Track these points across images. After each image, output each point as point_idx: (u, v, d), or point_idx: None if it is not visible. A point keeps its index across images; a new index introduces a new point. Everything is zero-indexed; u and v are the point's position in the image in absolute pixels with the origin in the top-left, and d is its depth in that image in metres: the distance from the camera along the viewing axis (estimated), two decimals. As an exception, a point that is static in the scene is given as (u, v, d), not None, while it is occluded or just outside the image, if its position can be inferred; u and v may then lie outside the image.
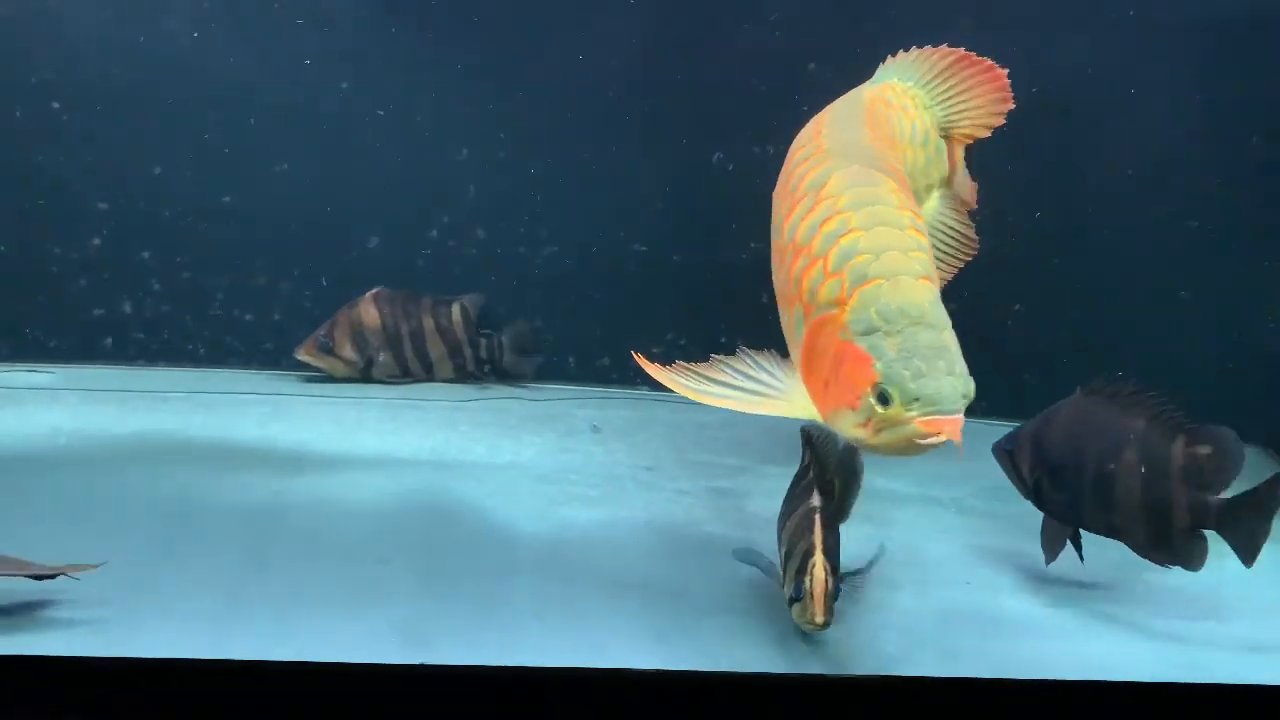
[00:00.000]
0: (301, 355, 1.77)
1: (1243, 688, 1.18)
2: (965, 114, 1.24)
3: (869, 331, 0.96)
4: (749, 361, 1.08)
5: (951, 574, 1.35)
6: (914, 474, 1.49)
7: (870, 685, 1.10)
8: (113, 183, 1.75)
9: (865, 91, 1.25)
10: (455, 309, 1.81)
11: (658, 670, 1.09)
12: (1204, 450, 1.24)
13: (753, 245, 1.36)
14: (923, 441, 0.93)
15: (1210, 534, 1.25)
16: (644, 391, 1.84)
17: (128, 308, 1.80)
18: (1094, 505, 1.24)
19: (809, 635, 1.12)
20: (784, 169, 1.18)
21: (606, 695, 1.06)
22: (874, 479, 1.26)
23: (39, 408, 1.63)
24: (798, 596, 1.08)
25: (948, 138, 1.26)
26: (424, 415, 1.70)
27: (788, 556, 1.13)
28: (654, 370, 1.10)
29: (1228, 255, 1.74)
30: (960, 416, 0.94)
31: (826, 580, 1.07)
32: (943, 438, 0.93)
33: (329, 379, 1.78)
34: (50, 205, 1.77)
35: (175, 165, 1.75)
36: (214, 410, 1.66)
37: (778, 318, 1.15)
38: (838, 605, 1.09)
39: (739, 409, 1.07)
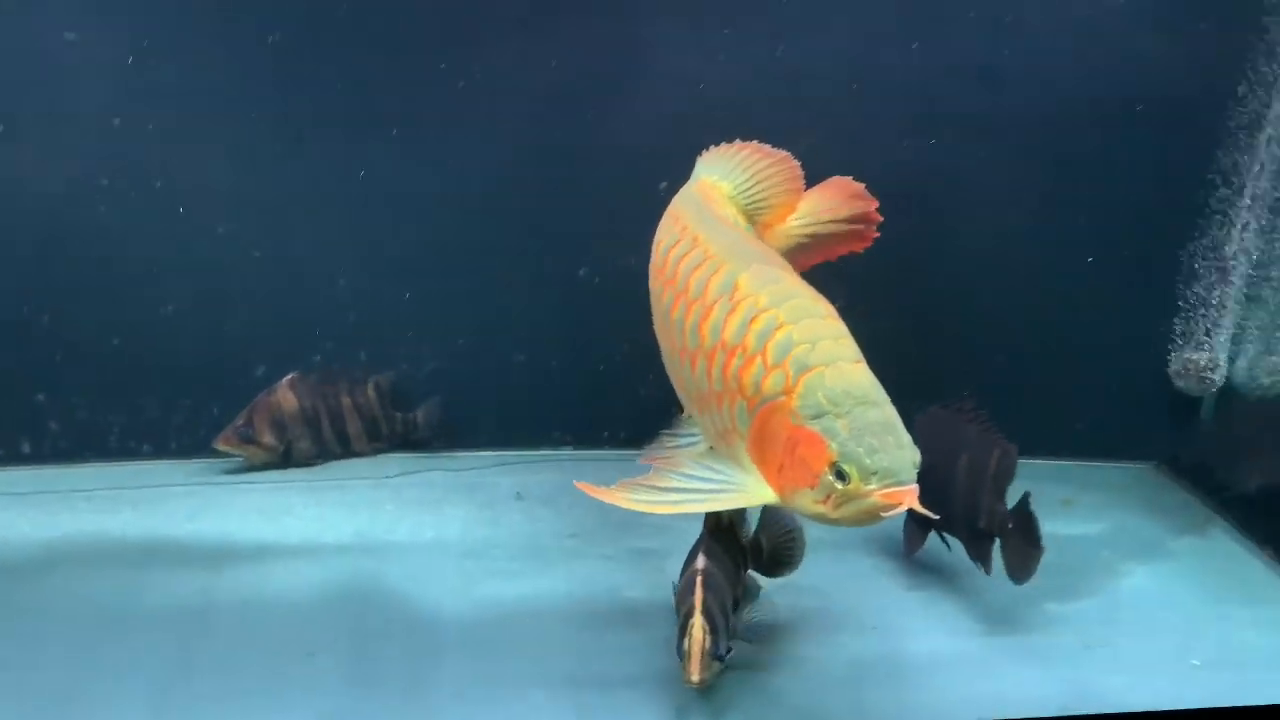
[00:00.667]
0: (221, 445, 1.76)
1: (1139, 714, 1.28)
2: (765, 201, 1.32)
3: (819, 415, 1.03)
4: (690, 463, 1.15)
5: (859, 620, 1.43)
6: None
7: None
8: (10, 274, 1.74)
9: (694, 189, 1.33)
10: (369, 387, 1.84)
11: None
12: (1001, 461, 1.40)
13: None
14: (884, 513, 1.01)
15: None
16: (567, 452, 1.91)
17: (41, 403, 1.78)
18: (937, 507, 1.32)
19: (699, 693, 1.17)
20: (663, 276, 1.24)
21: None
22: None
23: None
24: (680, 655, 1.14)
25: (754, 224, 1.33)
26: (347, 496, 1.72)
27: (677, 616, 1.19)
28: (603, 494, 1.14)
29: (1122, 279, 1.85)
30: (915, 485, 1.01)
31: (704, 640, 1.13)
32: (904, 506, 1.01)
33: (249, 466, 1.79)
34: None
35: (75, 253, 1.75)
36: (139, 506, 1.67)
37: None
38: (740, 660, 1.15)
39: (699, 510, 1.14)
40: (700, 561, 1.18)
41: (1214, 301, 1.71)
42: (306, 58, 1.69)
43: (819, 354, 1.05)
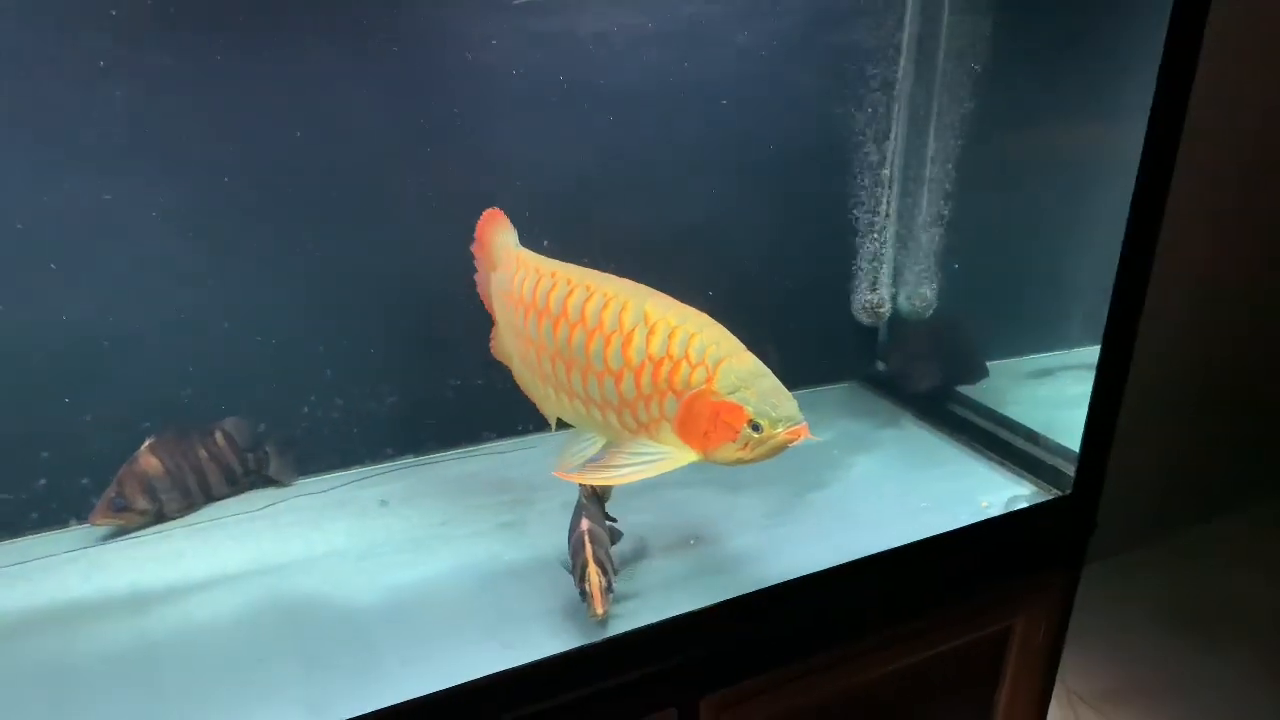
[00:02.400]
0: (100, 521, 1.87)
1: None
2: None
3: (734, 390, 1.50)
4: (630, 443, 1.58)
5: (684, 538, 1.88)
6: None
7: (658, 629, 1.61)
8: None
9: (523, 253, 1.78)
10: (219, 435, 2.02)
11: (510, 669, 1.52)
12: None
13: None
14: (791, 444, 1.50)
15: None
16: (408, 459, 2.20)
17: None
18: None
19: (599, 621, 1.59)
20: (552, 316, 1.64)
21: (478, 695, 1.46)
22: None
23: None
24: (584, 597, 1.55)
25: None
26: (229, 533, 1.90)
27: (574, 567, 1.60)
28: (575, 478, 1.59)
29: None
30: (804, 423, 1.51)
31: (600, 582, 1.55)
32: (803, 438, 1.49)
33: (123, 530, 1.91)
34: None
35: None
36: (30, 579, 1.76)
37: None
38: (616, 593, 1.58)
39: (646, 475, 1.54)
40: (585, 524, 1.58)
41: (878, 253, 2.33)
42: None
43: (723, 349, 1.53)
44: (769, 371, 1.56)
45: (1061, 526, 2.07)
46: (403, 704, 1.46)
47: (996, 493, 2.05)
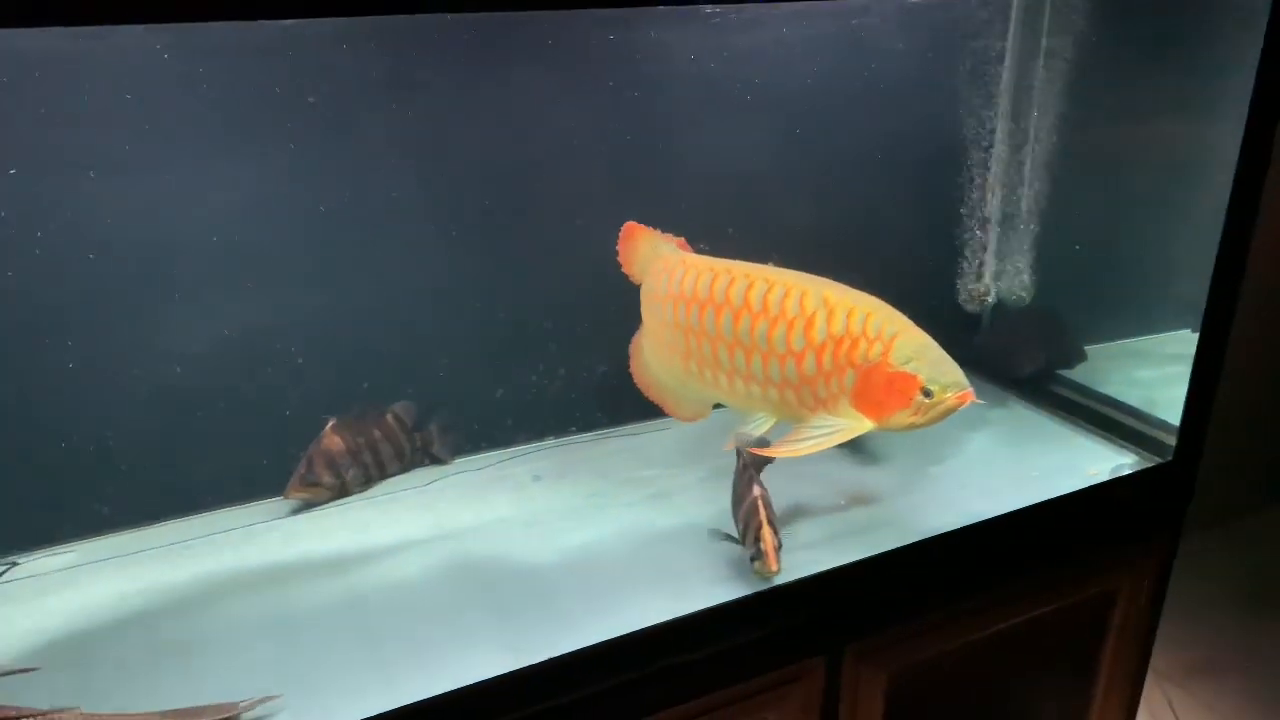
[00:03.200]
0: (293, 495, 2.08)
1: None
2: None
3: (907, 360, 1.70)
4: (811, 418, 1.79)
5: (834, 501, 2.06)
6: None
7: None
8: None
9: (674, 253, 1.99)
10: (390, 417, 2.24)
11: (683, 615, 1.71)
12: None
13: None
14: (960, 407, 1.69)
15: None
16: (551, 441, 2.41)
17: (118, 468, 2.01)
18: None
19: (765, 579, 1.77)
20: (734, 308, 1.84)
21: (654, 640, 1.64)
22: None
23: (91, 581, 1.88)
24: (758, 556, 1.74)
25: None
26: (405, 505, 2.11)
27: (744, 530, 1.78)
28: (770, 451, 1.79)
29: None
30: (970, 389, 1.70)
31: (774, 541, 1.73)
32: (968, 401, 1.69)
33: (311, 504, 2.12)
34: None
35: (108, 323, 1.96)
36: (236, 547, 1.98)
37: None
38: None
39: (827, 445, 1.75)
40: (757, 489, 1.76)
41: (982, 245, 2.50)
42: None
43: (895, 326, 1.73)
44: (937, 345, 1.76)
45: (1163, 493, 2.22)
46: (594, 645, 1.65)
47: (1102, 463, 2.21)
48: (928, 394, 1.69)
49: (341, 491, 2.17)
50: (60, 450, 1.97)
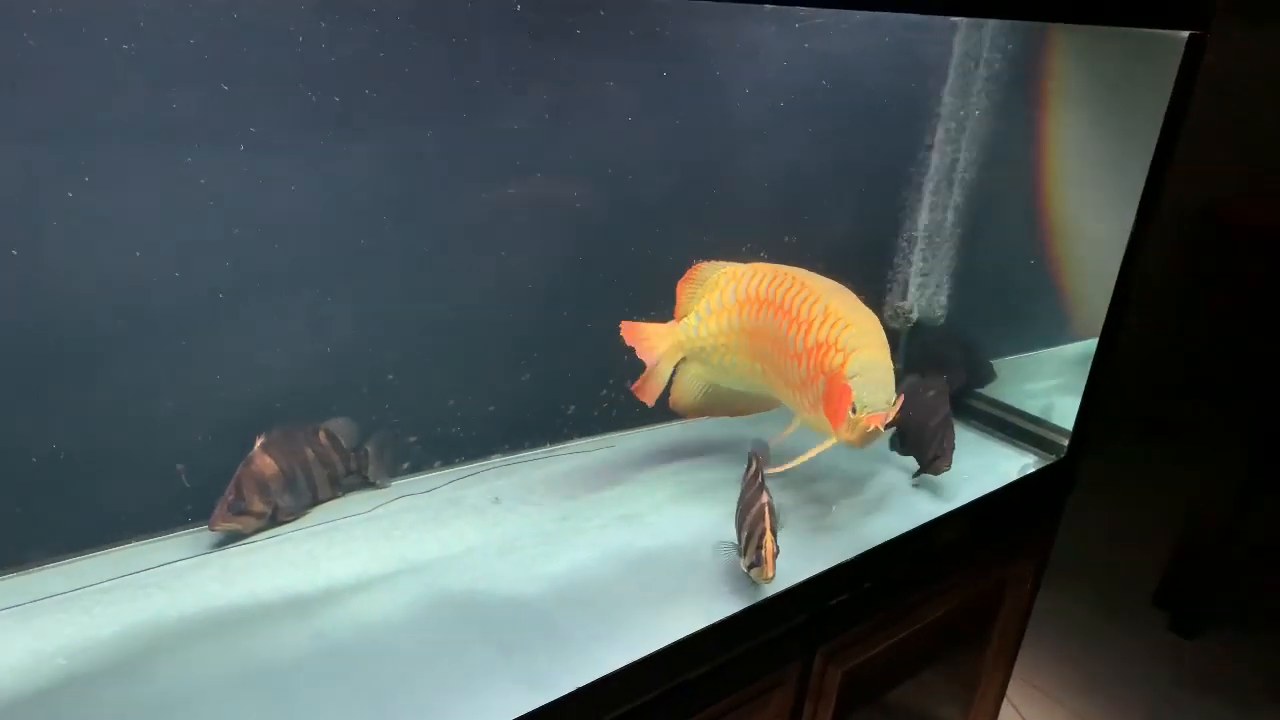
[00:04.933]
0: (220, 526, 1.82)
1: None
2: None
3: (853, 376, 1.73)
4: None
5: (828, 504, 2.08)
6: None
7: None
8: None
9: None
10: (323, 434, 2.02)
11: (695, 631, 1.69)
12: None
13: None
14: (875, 429, 1.72)
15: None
16: (495, 460, 2.28)
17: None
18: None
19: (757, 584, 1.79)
20: (774, 306, 1.90)
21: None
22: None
23: None
24: (758, 563, 1.75)
25: None
26: (353, 534, 1.91)
27: (747, 539, 1.78)
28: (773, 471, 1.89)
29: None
30: (882, 413, 1.73)
31: (774, 549, 1.74)
32: (873, 425, 1.72)
33: (237, 536, 1.87)
34: None
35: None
36: (164, 588, 1.71)
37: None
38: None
39: (811, 455, 1.90)
40: (765, 496, 1.76)
41: (906, 267, 2.63)
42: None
43: (860, 341, 1.75)
44: (890, 368, 1.81)
45: (1054, 486, 2.47)
46: (614, 672, 1.60)
47: (1010, 463, 2.42)
48: (854, 410, 1.76)
49: (272, 520, 1.96)
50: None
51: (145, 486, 1.87)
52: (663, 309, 2.18)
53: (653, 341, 2.10)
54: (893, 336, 2.72)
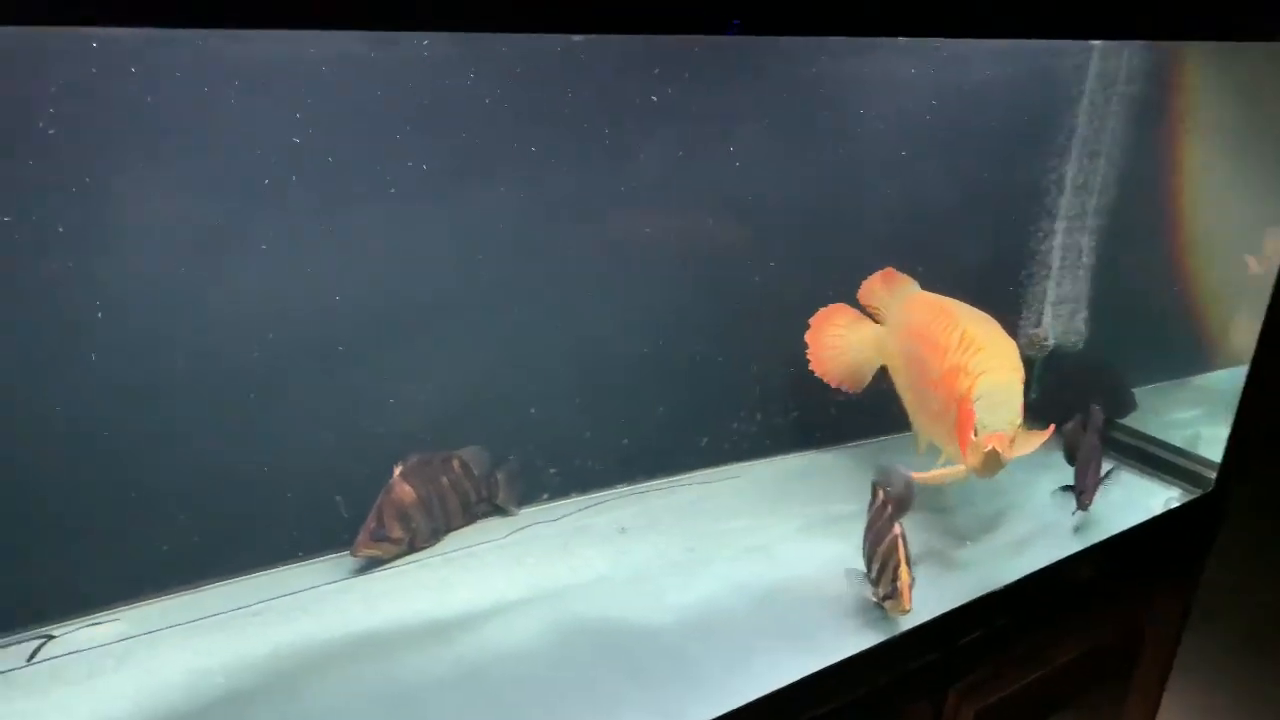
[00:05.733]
0: (363, 553, 1.90)
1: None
2: None
3: (979, 398, 1.73)
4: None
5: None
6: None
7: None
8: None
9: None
10: (456, 462, 2.08)
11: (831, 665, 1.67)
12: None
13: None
14: (998, 454, 1.67)
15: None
16: (620, 489, 2.31)
17: (153, 537, 1.81)
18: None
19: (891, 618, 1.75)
20: (930, 337, 1.89)
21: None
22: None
23: (152, 657, 1.66)
24: (893, 595, 1.72)
25: None
26: (486, 561, 1.96)
27: (881, 570, 1.75)
28: (925, 478, 1.86)
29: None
30: (1003, 433, 1.68)
31: (910, 580, 1.71)
32: (990, 446, 1.67)
33: (378, 561, 1.93)
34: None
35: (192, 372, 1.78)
36: (309, 611, 1.79)
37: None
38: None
39: (943, 480, 1.88)
40: (898, 527, 1.73)
41: (1042, 294, 2.57)
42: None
43: (990, 364, 1.74)
44: (1018, 391, 1.76)
45: (1202, 522, 2.35)
46: (747, 705, 1.59)
47: (1153, 498, 2.32)
48: (976, 433, 1.72)
49: (410, 547, 2.02)
50: (90, 503, 1.74)
51: (292, 513, 1.96)
52: (791, 340, 2.19)
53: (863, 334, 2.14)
54: (1027, 364, 2.65)
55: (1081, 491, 2.08)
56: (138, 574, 1.84)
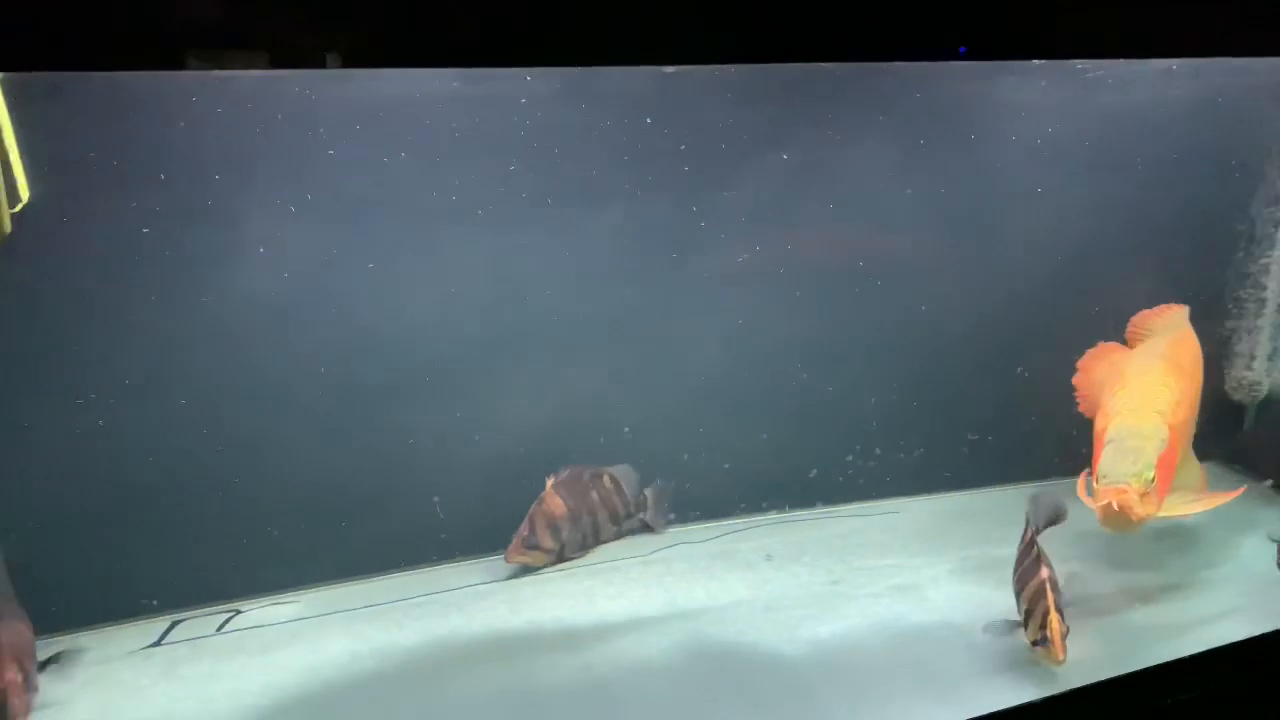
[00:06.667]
0: (514, 559, 2.00)
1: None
2: None
3: (1109, 442, 1.61)
4: None
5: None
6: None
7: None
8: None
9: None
10: (607, 478, 2.15)
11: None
12: None
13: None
14: (1101, 505, 1.52)
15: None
16: (772, 515, 2.29)
17: (333, 531, 1.99)
18: None
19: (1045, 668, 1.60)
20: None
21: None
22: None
23: (318, 637, 1.82)
24: (1042, 642, 1.58)
25: None
26: (629, 576, 2.01)
27: (1029, 614, 1.62)
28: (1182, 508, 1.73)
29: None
30: (1122, 486, 1.51)
31: (1062, 629, 1.57)
32: (1105, 500, 1.51)
33: (527, 568, 2.04)
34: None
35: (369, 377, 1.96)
36: (462, 609, 1.91)
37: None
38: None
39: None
40: (1045, 571, 1.61)
41: (1254, 330, 2.31)
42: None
43: (1131, 404, 1.63)
44: (1149, 435, 1.60)
45: None
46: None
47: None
48: (1097, 479, 1.57)
49: (559, 557, 2.09)
50: (283, 498, 1.95)
51: (455, 517, 2.10)
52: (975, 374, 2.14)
53: None
54: (1236, 410, 2.38)
55: None
56: (317, 563, 2.03)
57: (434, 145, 1.86)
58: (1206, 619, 1.80)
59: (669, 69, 1.79)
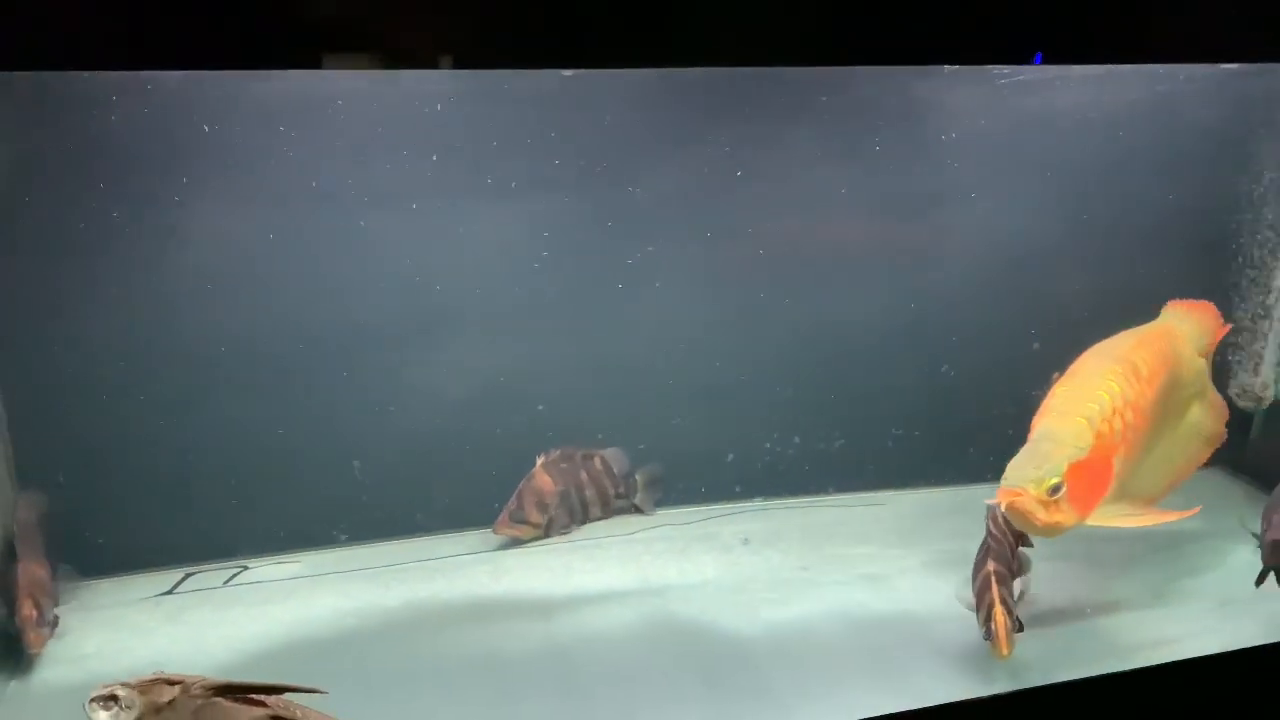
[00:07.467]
0: (502, 531, 2.10)
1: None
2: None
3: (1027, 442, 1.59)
4: None
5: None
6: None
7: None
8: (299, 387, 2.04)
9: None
10: (598, 460, 2.22)
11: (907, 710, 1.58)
12: None
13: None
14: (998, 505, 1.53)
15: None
16: (756, 501, 2.32)
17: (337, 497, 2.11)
18: None
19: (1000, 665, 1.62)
20: None
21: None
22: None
23: (311, 594, 1.96)
24: (988, 637, 1.60)
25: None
26: (609, 553, 2.09)
27: (979, 601, 1.64)
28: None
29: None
30: (1018, 489, 1.49)
31: (1005, 623, 1.58)
32: (997, 500, 1.52)
33: (516, 541, 2.13)
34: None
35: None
36: (446, 575, 2.02)
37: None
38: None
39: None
40: (990, 565, 1.63)
41: (1260, 337, 2.25)
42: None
43: (1052, 404, 1.62)
44: (1064, 440, 1.56)
45: None
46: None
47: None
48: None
49: (546, 532, 2.17)
50: (290, 466, 2.06)
51: (447, 488, 2.18)
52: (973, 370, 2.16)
53: None
54: (1243, 417, 2.31)
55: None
56: (321, 526, 2.15)
57: (359, 138, 1.94)
58: (1176, 634, 1.79)
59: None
